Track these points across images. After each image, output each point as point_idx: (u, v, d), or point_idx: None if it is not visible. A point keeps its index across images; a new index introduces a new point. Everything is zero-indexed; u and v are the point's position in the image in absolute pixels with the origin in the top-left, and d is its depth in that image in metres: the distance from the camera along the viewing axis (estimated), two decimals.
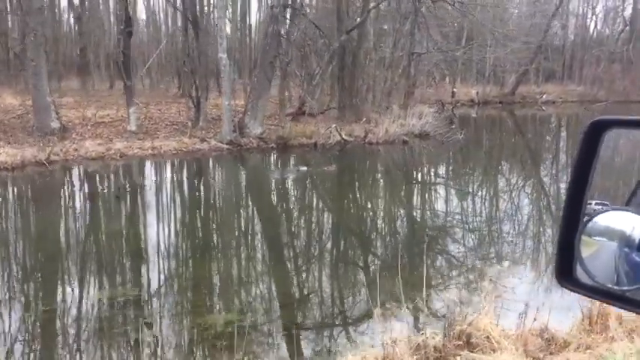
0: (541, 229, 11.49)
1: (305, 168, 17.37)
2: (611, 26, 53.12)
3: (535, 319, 5.25)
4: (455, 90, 41.26)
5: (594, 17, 53.97)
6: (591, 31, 52.79)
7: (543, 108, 42.42)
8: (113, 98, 25.46)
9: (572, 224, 1.26)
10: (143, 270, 8.66)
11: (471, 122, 37.79)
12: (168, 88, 31.08)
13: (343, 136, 21.26)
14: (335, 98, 26.38)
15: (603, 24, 54.74)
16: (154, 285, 8.18)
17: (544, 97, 44.31)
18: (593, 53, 46.85)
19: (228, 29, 24.40)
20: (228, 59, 19.26)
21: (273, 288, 8.22)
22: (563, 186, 16.35)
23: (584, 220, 1.25)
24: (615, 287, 1.20)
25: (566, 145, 26.45)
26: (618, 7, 50.75)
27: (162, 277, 8.54)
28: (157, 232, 10.92)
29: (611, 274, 1.21)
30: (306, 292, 8.12)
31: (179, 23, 27.06)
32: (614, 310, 5.11)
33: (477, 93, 43.35)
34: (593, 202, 1.29)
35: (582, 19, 52.26)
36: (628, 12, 50.73)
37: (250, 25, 30.06)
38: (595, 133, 1.27)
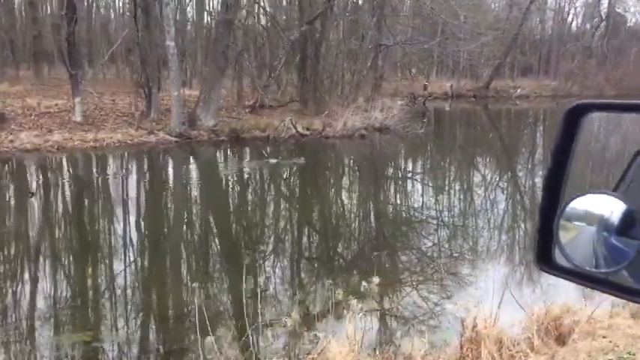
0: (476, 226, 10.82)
1: (253, 163, 16.60)
2: (589, 21, 52.69)
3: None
4: (427, 83, 40.55)
5: (573, 12, 53.50)
6: (569, 26, 52.22)
7: (517, 102, 41.85)
8: (67, 87, 24.42)
9: (551, 208, 1.26)
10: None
11: (442, 115, 37.16)
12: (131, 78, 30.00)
13: (299, 130, 20.45)
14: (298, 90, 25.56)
15: (583, 19, 54.31)
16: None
17: (518, 91, 43.73)
18: (568, 48, 46.27)
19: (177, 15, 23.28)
20: (176, 48, 18.33)
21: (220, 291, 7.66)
22: (521, 180, 15.74)
23: (563, 204, 1.25)
24: (594, 270, 1.21)
25: (531, 140, 25.91)
26: (597, 3, 50.33)
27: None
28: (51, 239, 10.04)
29: (590, 258, 1.22)
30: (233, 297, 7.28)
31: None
32: (488, 335, 4.43)
33: (451, 86, 42.65)
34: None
35: (560, 14, 51.62)
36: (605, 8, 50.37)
37: (211, 12, 28.92)
38: (574, 116, 1.27)
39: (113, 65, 32.62)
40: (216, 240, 10.26)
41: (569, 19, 52.00)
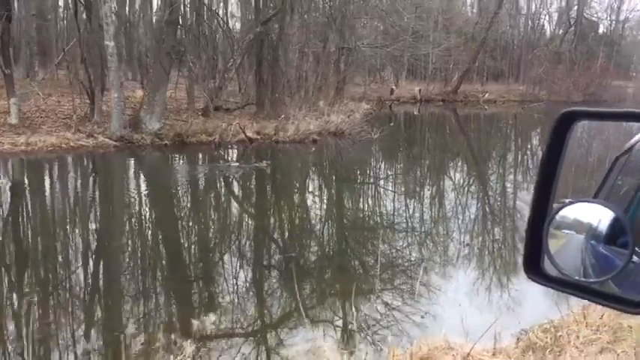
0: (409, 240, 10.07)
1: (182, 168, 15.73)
2: (560, 27, 52.59)
3: None
4: (393, 87, 39.97)
5: (545, 17, 53.38)
6: (539, 31, 52.06)
7: (485, 107, 41.41)
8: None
9: (540, 216, 1.25)
10: None
11: (410, 120, 36.54)
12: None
13: (247, 134, 19.60)
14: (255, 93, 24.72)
15: (556, 24, 54.22)
16: None
17: (486, 95, 43.33)
18: (536, 53, 46.02)
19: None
20: (116, 48, 17.41)
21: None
22: (471, 184, 15.06)
23: (552, 212, 1.23)
24: (582, 280, 1.19)
25: (490, 143, 25.36)
26: (567, 8, 50.18)
27: None
28: None
29: (578, 267, 1.20)
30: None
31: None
32: None
33: (420, 91, 42.10)
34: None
35: (530, 19, 51.44)
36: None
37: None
38: (564, 124, 1.26)
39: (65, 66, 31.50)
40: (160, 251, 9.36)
41: (540, 24, 51.87)
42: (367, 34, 31.04)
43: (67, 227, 10.66)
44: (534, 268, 1.27)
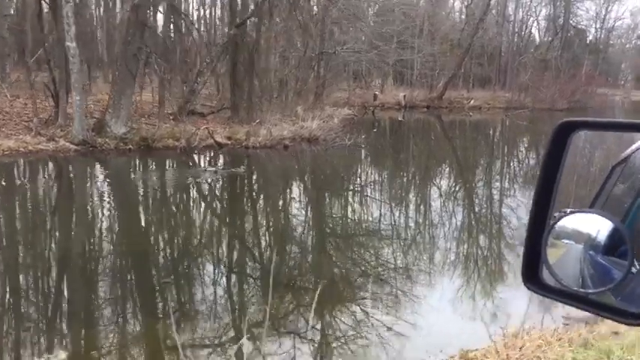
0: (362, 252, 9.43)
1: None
2: (547, 35, 52.28)
3: None
4: (377, 93, 39.41)
5: (534, 24, 53.04)
6: (526, 38, 51.69)
7: (470, 114, 40.88)
8: None
9: (538, 226, 1.25)
10: None
11: (393, 126, 35.96)
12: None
13: (217, 139, 18.95)
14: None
15: (542, 32, 53.92)
16: None
17: (471, 102, 42.83)
18: (521, 60, 45.60)
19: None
20: (77, 49, 16.70)
21: None
22: (443, 193, 14.43)
23: (551, 222, 1.23)
24: (580, 290, 1.18)
25: (473, 153, 24.76)
26: (554, 16, 49.86)
27: None
28: None
29: (577, 277, 1.19)
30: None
31: None
32: None
33: (404, 96, 41.56)
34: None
35: (517, 26, 51.08)
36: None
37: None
38: (563, 134, 1.26)
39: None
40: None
41: (527, 31, 51.50)
42: (349, 39, 30.43)
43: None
44: (532, 278, 1.26)
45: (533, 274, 1.25)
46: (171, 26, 21.20)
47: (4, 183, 13.32)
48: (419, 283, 8.05)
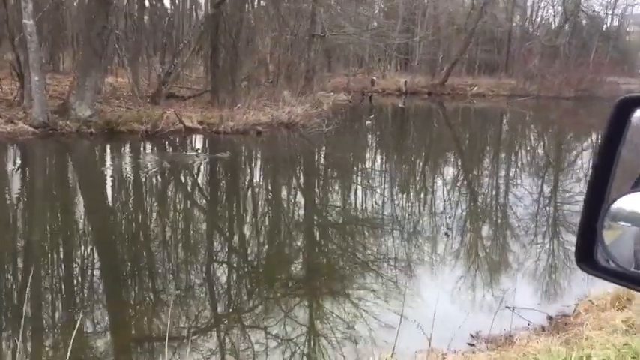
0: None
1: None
2: (555, 20, 50.38)
3: None
4: (374, 79, 38.11)
5: (543, 10, 51.13)
6: (535, 24, 49.82)
7: (474, 101, 39.47)
8: None
9: (594, 207, 1.22)
10: None
11: (387, 112, 34.72)
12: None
13: (186, 123, 17.99)
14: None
15: (551, 18, 51.97)
16: None
17: (474, 89, 41.36)
18: (527, 46, 43.87)
19: None
20: (35, 26, 15.77)
21: None
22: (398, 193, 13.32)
23: (608, 202, 1.19)
24: (638, 272, 1.15)
25: (476, 141, 23.48)
26: (567, 2, 47.85)
27: None
28: None
29: (632, 259, 1.17)
30: None
31: None
32: None
33: (405, 82, 40.23)
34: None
35: (525, 11, 49.22)
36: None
37: None
38: (623, 111, 1.21)
39: None
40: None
41: (536, 17, 49.63)
42: (347, 21, 29.14)
43: None
44: (587, 258, 1.23)
45: (587, 255, 1.22)
46: (141, 5, 20.12)
47: None
48: (408, 275, 7.60)
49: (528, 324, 5.66)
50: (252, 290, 7.20)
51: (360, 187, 13.79)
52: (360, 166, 16.80)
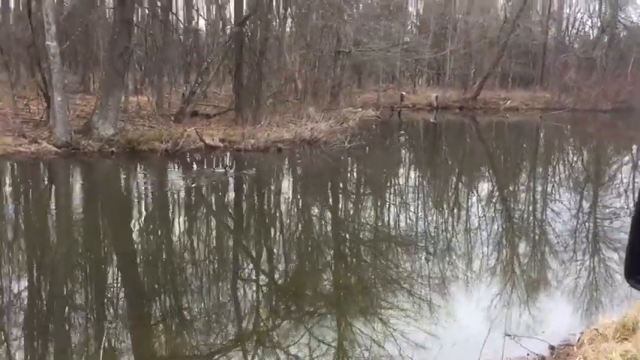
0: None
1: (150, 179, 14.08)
2: (593, 32, 49.03)
3: None
4: (404, 94, 37.61)
5: (579, 22, 49.85)
6: (571, 36, 48.55)
7: (507, 115, 38.55)
8: None
9: None
10: None
11: (416, 127, 34.13)
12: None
13: (207, 141, 17.91)
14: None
15: (588, 30, 50.63)
16: None
17: (507, 103, 40.43)
18: (562, 59, 42.72)
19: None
20: (58, 48, 15.97)
21: None
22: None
23: None
24: None
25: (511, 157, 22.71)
26: (605, 13, 46.56)
27: None
28: None
29: None
30: None
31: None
32: None
33: (437, 97, 39.62)
34: None
35: (561, 23, 48.06)
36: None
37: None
38: None
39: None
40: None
41: (571, 29, 48.36)
42: (369, 38, 28.87)
43: None
44: (635, 275, 1.24)
45: (636, 272, 1.24)
46: (165, 25, 20.25)
47: None
48: (442, 293, 7.34)
49: (527, 354, 5.18)
50: (280, 307, 7.05)
51: (387, 204, 13.40)
52: (384, 183, 16.37)
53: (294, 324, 6.35)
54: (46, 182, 14.88)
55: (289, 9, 24.98)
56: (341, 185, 16.03)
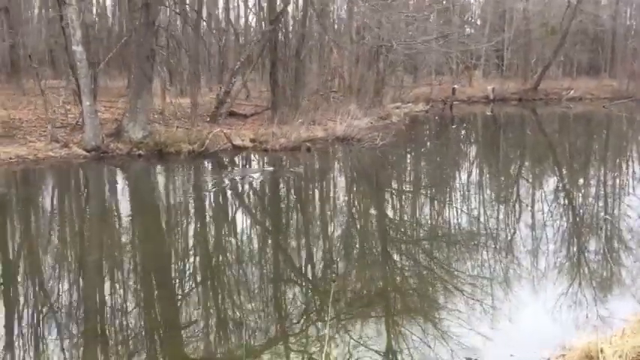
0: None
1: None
2: None
3: None
4: (455, 87, 35.95)
5: None
6: (636, 20, 45.11)
7: (570, 105, 36.18)
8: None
9: None
10: None
11: (469, 121, 32.43)
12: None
13: (235, 142, 17.48)
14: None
15: None
16: None
17: (570, 93, 37.93)
18: (629, 45, 39.63)
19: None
20: (85, 53, 15.94)
21: None
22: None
23: None
24: None
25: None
26: None
27: None
28: None
29: None
30: None
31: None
32: None
33: (493, 89, 37.72)
34: None
35: (629, 7, 44.71)
36: None
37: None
38: None
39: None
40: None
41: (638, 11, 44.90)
42: (416, 30, 27.59)
43: None
44: None
45: None
46: (197, 25, 19.96)
47: None
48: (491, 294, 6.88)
49: None
50: (328, 305, 6.59)
51: (429, 202, 12.55)
52: (402, 186, 15.38)
53: (339, 322, 6.10)
54: (62, 186, 14.82)
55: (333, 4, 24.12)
56: (374, 181, 15.16)
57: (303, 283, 7.76)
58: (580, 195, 13.21)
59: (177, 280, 7.96)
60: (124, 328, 6.28)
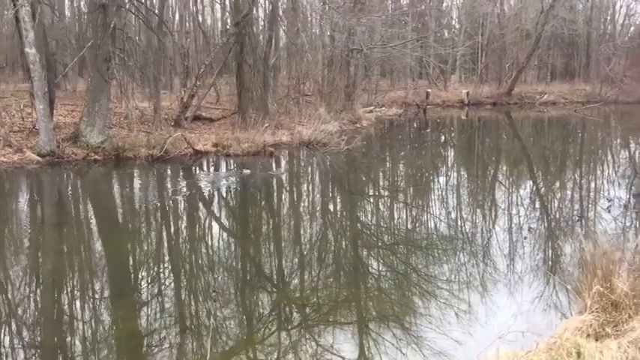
0: None
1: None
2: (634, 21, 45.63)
3: None
4: (429, 91, 35.74)
5: (618, 10, 46.57)
6: (624, 27, 45.34)
7: (544, 110, 36.13)
8: None
9: None
10: None
11: (441, 125, 32.15)
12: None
13: (195, 147, 16.95)
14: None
15: (630, 19, 47.16)
16: None
17: (544, 97, 37.91)
18: (603, 49, 39.76)
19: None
20: (38, 55, 15.33)
21: None
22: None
23: None
24: None
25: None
26: None
27: None
28: None
29: None
30: None
31: None
32: None
33: (467, 93, 37.57)
34: None
35: (600, 13, 44.90)
36: None
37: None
38: None
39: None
40: None
41: (617, 17, 45.16)
42: (388, 34, 27.30)
43: None
44: None
45: None
46: (159, 28, 19.40)
47: None
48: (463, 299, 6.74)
49: None
50: (296, 313, 6.58)
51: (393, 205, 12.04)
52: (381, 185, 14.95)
53: (310, 329, 6.01)
54: (11, 192, 14.19)
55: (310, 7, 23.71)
56: (336, 187, 14.71)
57: (269, 290, 7.42)
58: (554, 197, 12.98)
59: (134, 289, 7.47)
60: (81, 340, 5.95)
